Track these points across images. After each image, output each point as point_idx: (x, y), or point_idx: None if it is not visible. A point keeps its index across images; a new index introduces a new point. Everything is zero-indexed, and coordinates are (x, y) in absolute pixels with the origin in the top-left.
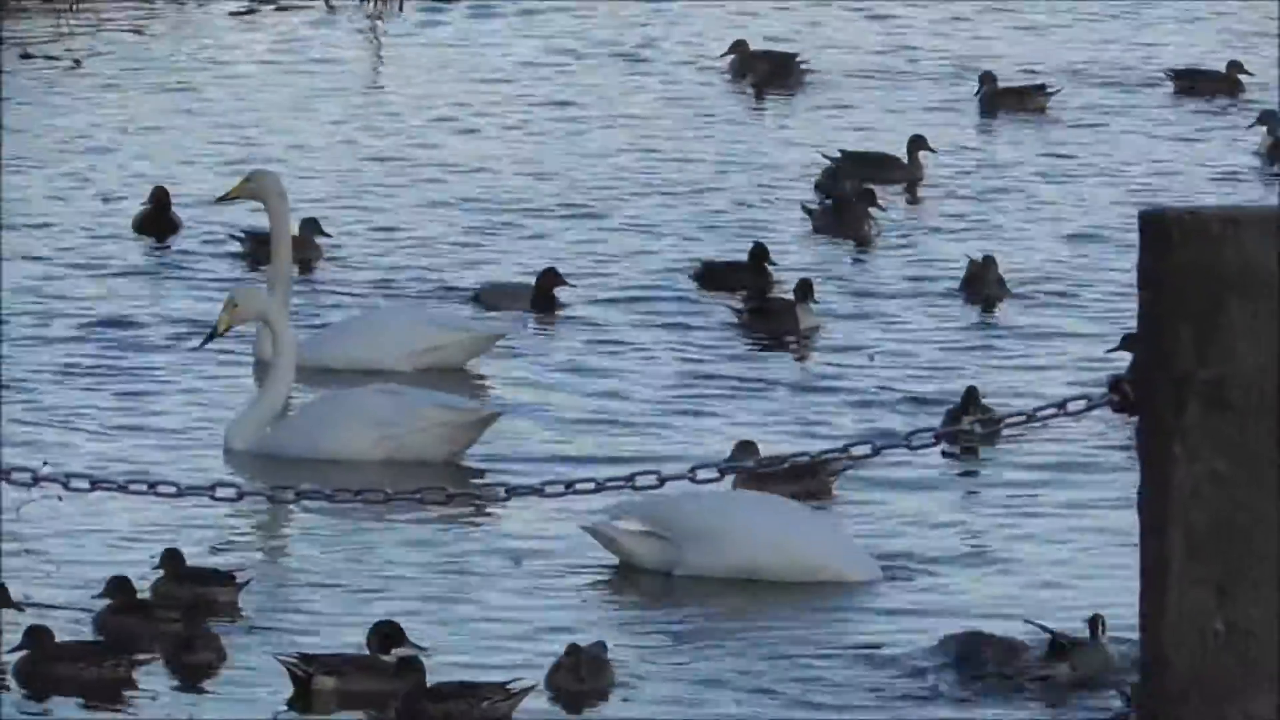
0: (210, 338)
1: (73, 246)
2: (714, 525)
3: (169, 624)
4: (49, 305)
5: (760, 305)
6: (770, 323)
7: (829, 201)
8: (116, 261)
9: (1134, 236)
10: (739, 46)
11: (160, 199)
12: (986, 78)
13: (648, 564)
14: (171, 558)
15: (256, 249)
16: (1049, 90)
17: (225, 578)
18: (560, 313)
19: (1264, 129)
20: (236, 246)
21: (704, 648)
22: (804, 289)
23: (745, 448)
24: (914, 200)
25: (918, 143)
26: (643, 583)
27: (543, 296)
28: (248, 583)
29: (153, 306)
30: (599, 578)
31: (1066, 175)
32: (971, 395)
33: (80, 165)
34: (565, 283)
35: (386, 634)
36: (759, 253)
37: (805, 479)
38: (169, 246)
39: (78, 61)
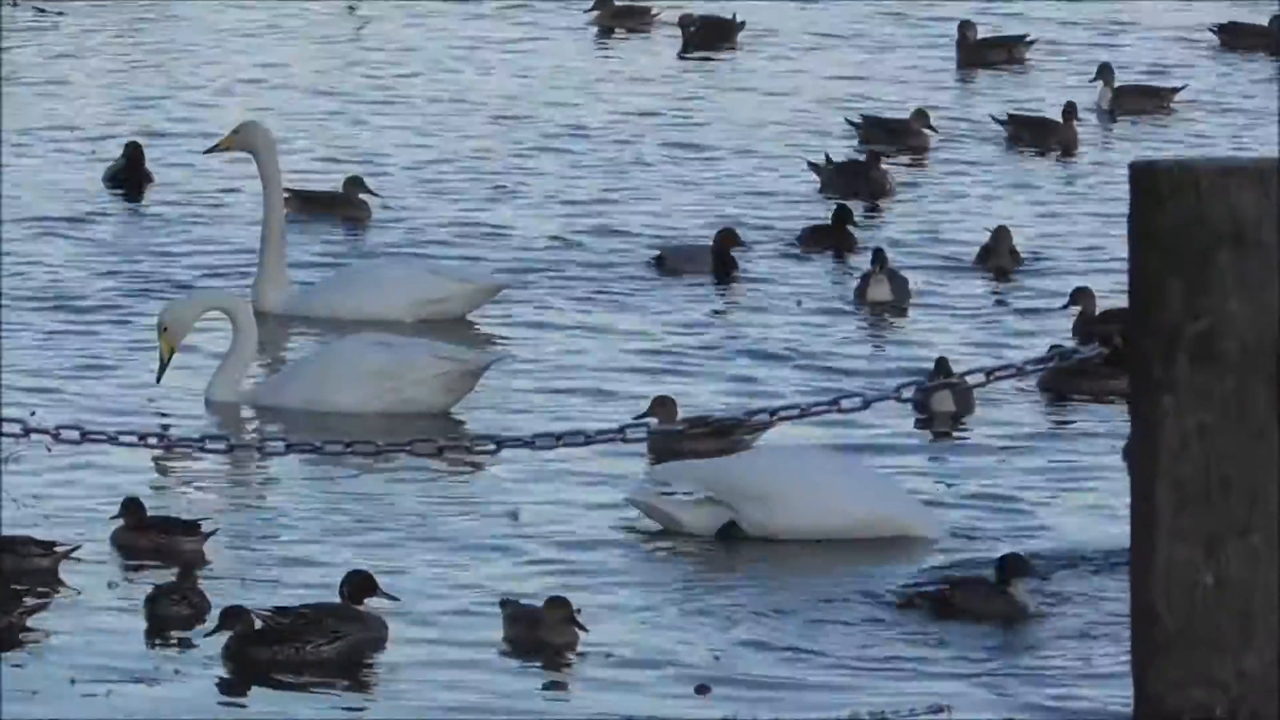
0: (163, 369)
1: (48, 198)
2: (776, 487)
3: (36, 560)
4: (25, 259)
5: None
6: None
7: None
8: (91, 213)
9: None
10: (601, 3)
11: (134, 154)
12: (965, 26)
13: (703, 531)
14: (132, 506)
15: (302, 205)
16: (1028, 40)
17: (191, 527)
18: (739, 274)
19: (1101, 82)
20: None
21: (699, 604)
22: (877, 258)
23: (662, 403)
24: (1067, 164)
25: (1071, 110)
26: (630, 539)
27: (721, 258)
28: (214, 532)
29: (126, 261)
30: (588, 534)
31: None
32: (941, 365)
33: (59, 115)
34: (741, 242)
35: (359, 584)
36: (842, 215)
37: (719, 438)
38: (142, 200)
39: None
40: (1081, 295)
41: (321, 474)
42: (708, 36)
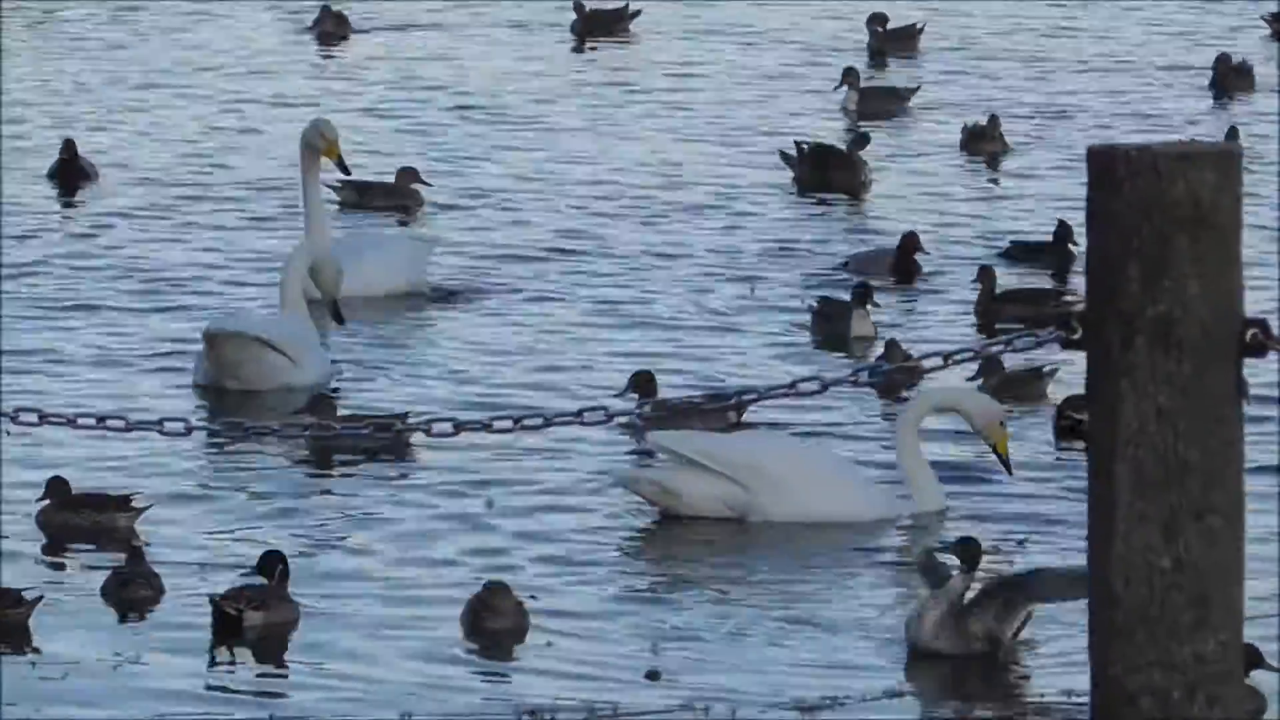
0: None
1: None
2: (788, 470)
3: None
4: None
5: (823, 307)
6: (829, 325)
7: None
8: (29, 208)
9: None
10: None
11: (69, 150)
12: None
13: (701, 506)
14: (56, 484)
15: (359, 198)
16: (919, 28)
17: (123, 502)
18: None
19: (846, 86)
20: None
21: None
22: (862, 294)
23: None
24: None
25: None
26: (584, 523)
27: (904, 261)
28: (148, 507)
29: (69, 255)
30: (544, 517)
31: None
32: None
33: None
34: (922, 248)
35: (273, 565)
36: (1063, 233)
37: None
38: (78, 196)
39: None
40: (983, 273)
41: (272, 455)
42: (597, 25)
